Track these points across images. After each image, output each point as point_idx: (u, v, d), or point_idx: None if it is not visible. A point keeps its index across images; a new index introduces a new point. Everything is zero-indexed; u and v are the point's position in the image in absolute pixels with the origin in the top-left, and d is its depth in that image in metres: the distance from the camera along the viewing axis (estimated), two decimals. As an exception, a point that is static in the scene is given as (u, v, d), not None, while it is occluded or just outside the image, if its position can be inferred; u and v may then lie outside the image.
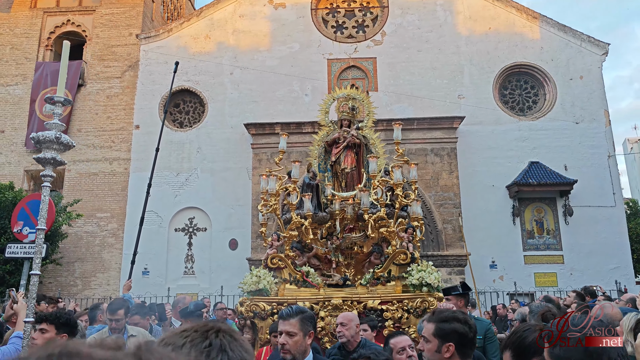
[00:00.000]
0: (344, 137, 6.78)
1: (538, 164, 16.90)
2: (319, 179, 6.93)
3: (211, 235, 17.17)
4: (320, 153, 7.10)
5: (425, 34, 18.41)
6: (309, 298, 5.79)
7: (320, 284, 5.95)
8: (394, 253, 5.93)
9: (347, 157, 6.78)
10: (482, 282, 15.07)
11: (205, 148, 17.89)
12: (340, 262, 6.34)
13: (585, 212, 16.49)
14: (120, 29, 19.22)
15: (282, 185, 6.49)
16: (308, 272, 6.06)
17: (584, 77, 17.81)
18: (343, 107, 7.02)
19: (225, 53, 18.65)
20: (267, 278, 5.90)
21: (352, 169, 6.80)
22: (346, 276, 6.20)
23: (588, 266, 15.99)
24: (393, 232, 6.02)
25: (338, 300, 5.74)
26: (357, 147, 6.84)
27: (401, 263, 5.94)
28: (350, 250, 6.42)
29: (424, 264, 5.92)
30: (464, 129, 17.02)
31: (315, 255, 6.37)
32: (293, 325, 2.71)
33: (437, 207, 16.32)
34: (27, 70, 18.97)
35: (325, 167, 7.06)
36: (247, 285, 5.89)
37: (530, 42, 18.16)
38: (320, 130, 7.16)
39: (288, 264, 6.07)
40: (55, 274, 16.71)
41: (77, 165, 17.99)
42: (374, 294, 5.84)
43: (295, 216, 6.27)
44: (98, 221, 17.43)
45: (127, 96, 18.55)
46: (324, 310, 5.73)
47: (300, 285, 5.98)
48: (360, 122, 7.15)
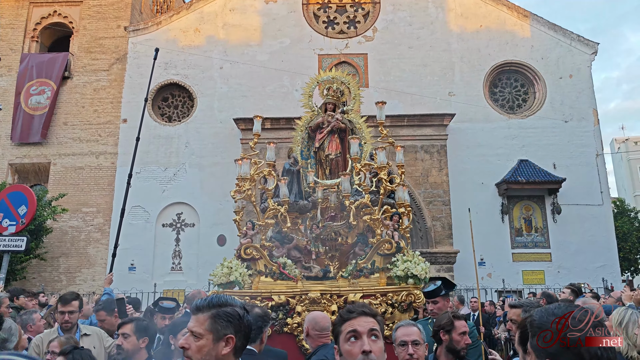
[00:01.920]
0: (328, 122, 6.36)
1: (527, 162, 16.94)
2: (301, 165, 6.48)
3: (199, 231, 17.00)
4: (304, 139, 6.63)
5: (416, 31, 18.36)
6: (285, 291, 5.37)
7: (298, 276, 5.55)
8: (377, 242, 5.51)
9: (331, 143, 6.35)
10: (470, 279, 15.06)
11: (194, 143, 17.70)
12: (320, 253, 5.89)
13: (573, 211, 16.57)
14: (108, 21, 18.92)
15: (257, 170, 6.05)
16: (285, 264, 5.66)
17: (573, 75, 17.89)
18: (327, 91, 6.59)
19: (215, 47, 18.45)
20: (240, 270, 5.46)
21: (336, 156, 6.34)
22: (327, 268, 5.80)
23: (575, 264, 16.08)
24: (377, 220, 5.58)
25: (316, 293, 5.30)
26: (343, 133, 6.39)
27: (386, 253, 5.51)
28: (334, 241, 5.99)
29: (410, 254, 5.47)
30: (454, 126, 17.01)
31: (296, 246, 5.95)
32: (200, 322, 1.79)
33: (427, 204, 16.30)
34: (12, 62, 18.60)
35: (309, 154, 6.60)
36: (217, 277, 5.44)
37: (521, 41, 18.18)
38: (304, 115, 6.74)
39: (263, 255, 5.63)
40: (39, 269, 16.44)
41: (63, 159, 17.70)
42: (356, 287, 5.40)
43: (272, 203, 5.85)
44: (84, 216, 17.18)
45: (115, 89, 18.27)
46: (301, 305, 5.32)
47: (276, 277, 5.54)
48: (345, 106, 6.69)
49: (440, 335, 3.38)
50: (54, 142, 17.87)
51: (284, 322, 5.25)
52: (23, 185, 7.45)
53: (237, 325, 1.80)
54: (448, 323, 3.38)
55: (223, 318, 1.79)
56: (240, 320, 1.82)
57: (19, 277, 15.01)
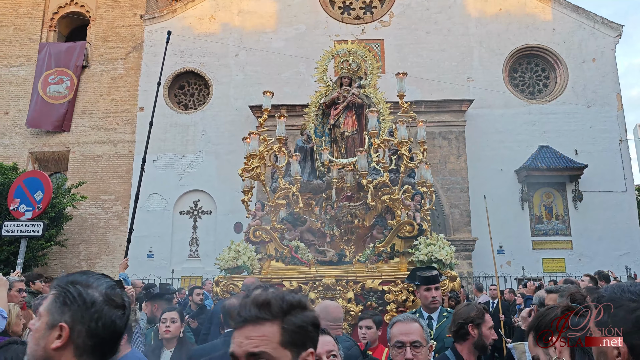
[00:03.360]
0: (344, 97, 5.93)
1: (548, 148, 16.60)
2: (315, 143, 6.03)
3: (216, 218, 17.07)
4: (318, 115, 6.18)
5: (434, 15, 18.01)
6: (296, 277, 4.96)
7: (311, 260, 5.13)
8: (397, 225, 5.02)
9: (347, 119, 5.89)
10: (489, 267, 14.90)
11: (210, 130, 17.71)
12: (335, 235, 5.47)
13: (595, 197, 16.22)
14: (124, 9, 18.95)
15: (266, 147, 5.59)
16: (297, 247, 5.23)
17: (596, 59, 17.41)
18: (343, 64, 6.14)
19: (231, 34, 18.37)
20: (248, 253, 5.09)
21: (352, 133, 5.89)
22: (342, 252, 5.35)
23: (597, 252, 15.77)
24: (397, 201, 5.10)
25: (330, 279, 4.86)
26: (359, 108, 5.91)
27: (407, 236, 5.03)
28: (350, 224, 5.55)
29: (433, 237, 5.01)
30: (472, 112, 16.72)
31: (310, 229, 5.55)
32: (45, 301, 1.39)
33: (445, 191, 16.11)
34: (31, 51, 18.78)
35: (323, 131, 6.16)
36: (224, 261, 5.09)
37: (542, 24, 17.73)
38: (318, 91, 6.27)
39: (274, 238, 5.21)
40: (60, 255, 16.70)
41: (82, 147, 17.88)
42: (374, 272, 4.93)
43: (283, 182, 5.45)
44: (102, 203, 17.37)
45: (132, 78, 18.35)
46: (315, 292, 4.88)
47: (287, 262, 5.12)
48: (362, 80, 6.22)
49: (469, 329, 2.85)
50: (73, 131, 18.05)
51: None
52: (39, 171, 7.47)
53: (77, 311, 1.25)
54: (479, 315, 2.90)
55: (60, 299, 1.28)
56: (86, 307, 1.27)
57: (41, 264, 15.27)
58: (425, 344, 2.40)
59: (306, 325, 1.24)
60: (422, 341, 2.37)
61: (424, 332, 2.42)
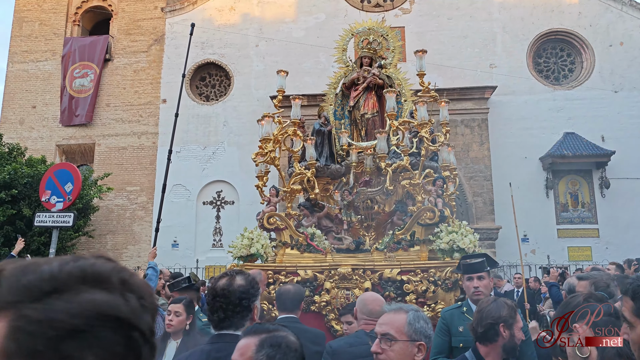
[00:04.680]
0: (364, 77, 5.66)
1: (573, 135, 16.28)
2: (333, 125, 5.73)
3: (239, 208, 17.24)
4: (338, 97, 5.89)
5: (455, 1, 17.73)
6: (311, 266, 4.71)
7: (327, 248, 4.89)
8: (418, 211, 4.71)
9: (367, 101, 5.59)
10: (513, 256, 14.75)
11: (232, 121, 17.84)
12: (353, 222, 5.18)
13: (622, 185, 15.88)
14: (146, 3, 19.13)
15: (281, 130, 5.29)
16: (314, 235, 4.99)
17: (624, 43, 16.94)
18: (363, 43, 5.86)
19: (251, 25, 18.40)
20: (262, 241, 4.88)
21: (373, 115, 5.60)
22: (360, 239, 5.08)
23: (625, 240, 15.45)
24: (418, 186, 4.78)
25: (347, 268, 4.59)
26: (380, 89, 5.60)
27: (428, 223, 4.70)
28: (370, 210, 5.26)
29: (456, 224, 4.67)
30: (495, 99, 16.47)
31: (328, 215, 5.29)
32: None
33: (467, 179, 15.96)
34: (56, 46, 19.13)
35: (342, 114, 5.88)
36: (237, 249, 4.89)
37: (568, 7, 17.30)
38: (337, 71, 5.93)
39: (289, 224, 4.97)
40: (88, 246, 17.11)
41: (107, 140, 18.21)
42: (393, 261, 4.64)
43: (298, 167, 5.19)
44: (128, 194, 17.70)
45: (154, 70, 18.56)
46: (330, 281, 4.63)
47: (303, 250, 4.87)
48: (383, 60, 5.92)
49: (500, 330, 2.48)
50: (98, 124, 18.39)
51: (312, 300, 4.66)
52: (68, 163, 7.67)
53: None
54: (511, 314, 2.52)
55: None
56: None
57: (70, 254, 15.68)
58: (406, 339, 1.99)
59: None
60: (396, 335, 2.00)
61: (406, 326, 2.01)
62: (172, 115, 18.57)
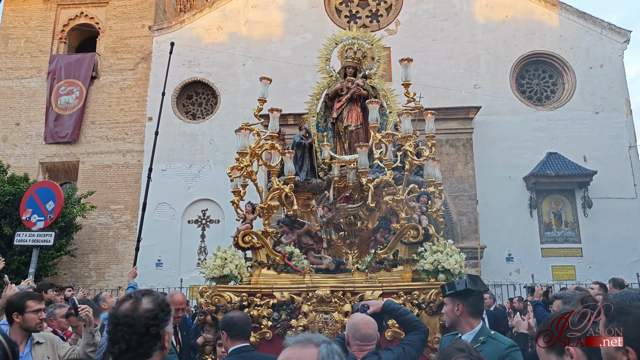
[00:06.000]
0: (348, 88, 5.49)
1: (556, 155, 16.52)
2: (315, 138, 5.52)
3: (224, 227, 17.10)
4: (320, 109, 5.68)
5: (440, 23, 18.06)
6: (288, 287, 4.44)
7: (306, 268, 4.64)
8: (401, 229, 4.46)
9: (351, 113, 5.40)
10: (498, 275, 14.83)
11: (218, 140, 17.82)
12: (333, 240, 4.94)
13: (605, 204, 16.09)
14: (133, 21, 19.19)
15: (258, 143, 5.03)
16: (292, 254, 4.76)
17: (604, 65, 17.34)
18: (347, 52, 5.64)
19: (238, 44, 18.52)
20: (236, 261, 4.61)
21: (357, 127, 5.42)
22: (340, 259, 4.87)
23: (608, 259, 15.61)
24: (401, 202, 4.54)
25: (325, 290, 4.30)
26: (364, 100, 5.41)
27: (411, 242, 4.45)
28: (353, 226, 5.01)
29: (441, 243, 4.42)
30: (480, 120, 16.70)
31: (308, 232, 5.06)
32: None
33: (452, 198, 16.06)
34: (42, 63, 19.04)
35: (326, 126, 5.68)
36: (209, 270, 4.63)
37: (549, 30, 17.72)
38: (320, 82, 5.73)
39: (265, 243, 4.71)
40: (70, 265, 16.82)
41: (91, 158, 18.05)
42: (374, 282, 4.41)
43: (276, 182, 4.91)
44: (112, 213, 17.49)
45: (140, 88, 18.53)
46: (308, 304, 4.35)
47: (280, 270, 4.62)
48: (368, 70, 5.76)
49: None
50: (83, 141, 18.24)
51: (288, 325, 4.37)
52: (50, 181, 7.58)
53: None
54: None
55: None
56: None
57: (51, 273, 15.37)
58: None
59: None
60: None
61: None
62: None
